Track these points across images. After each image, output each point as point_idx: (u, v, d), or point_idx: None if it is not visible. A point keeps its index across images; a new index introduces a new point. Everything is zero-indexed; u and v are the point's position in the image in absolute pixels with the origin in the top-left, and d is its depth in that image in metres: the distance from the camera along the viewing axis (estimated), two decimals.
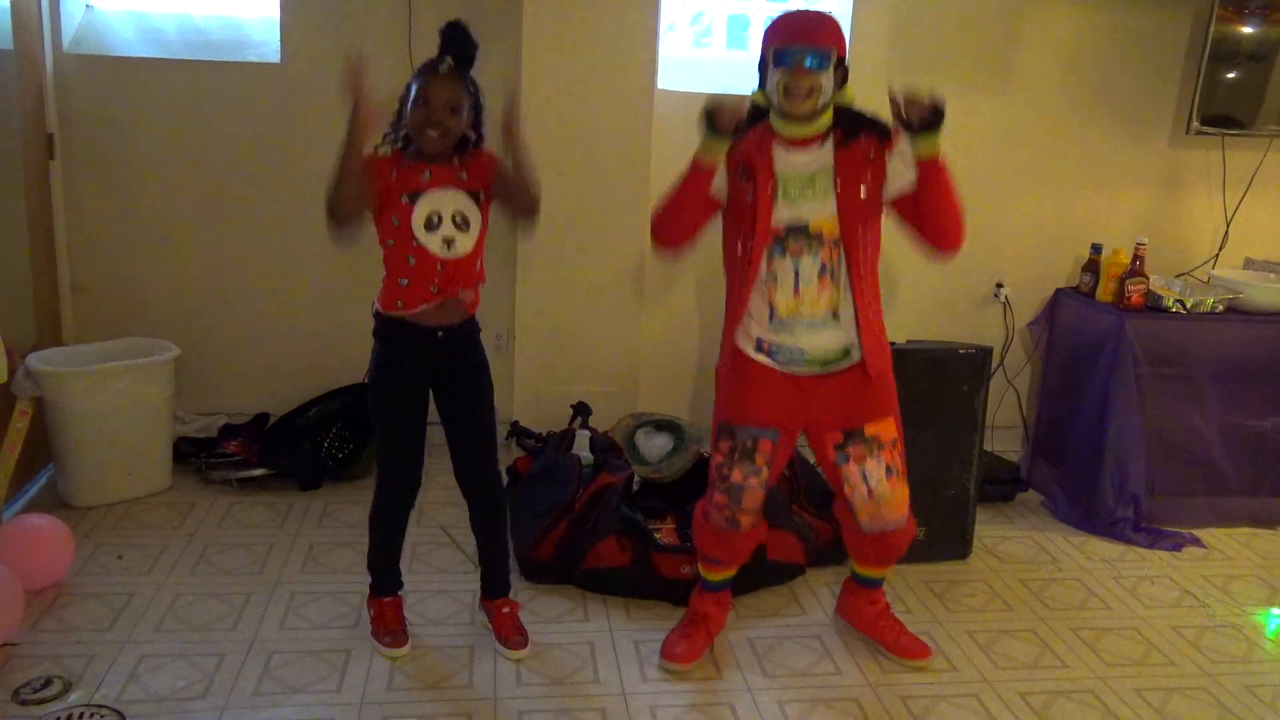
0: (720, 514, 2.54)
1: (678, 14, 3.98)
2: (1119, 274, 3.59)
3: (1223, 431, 3.60)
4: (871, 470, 2.49)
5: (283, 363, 3.88)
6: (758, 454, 2.48)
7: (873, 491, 2.51)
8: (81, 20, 3.67)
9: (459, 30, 2.34)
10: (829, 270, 2.39)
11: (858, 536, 2.63)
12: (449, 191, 2.37)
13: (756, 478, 2.50)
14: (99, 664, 2.48)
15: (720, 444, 2.52)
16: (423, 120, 2.32)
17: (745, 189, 2.39)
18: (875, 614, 2.75)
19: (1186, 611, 3.05)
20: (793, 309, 2.41)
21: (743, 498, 2.51)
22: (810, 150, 2.39)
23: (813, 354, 2.44)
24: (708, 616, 2.71)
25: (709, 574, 2.68)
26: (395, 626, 2.63)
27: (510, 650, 2.63)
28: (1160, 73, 4.00)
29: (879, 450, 2.49)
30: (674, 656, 2.61)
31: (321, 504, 3.42)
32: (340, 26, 3.66)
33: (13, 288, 3.25)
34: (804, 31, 2.33)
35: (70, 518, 3.16)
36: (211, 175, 3.72)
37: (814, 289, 2.39)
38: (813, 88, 2.31)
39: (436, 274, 2.40)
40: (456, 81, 2.33)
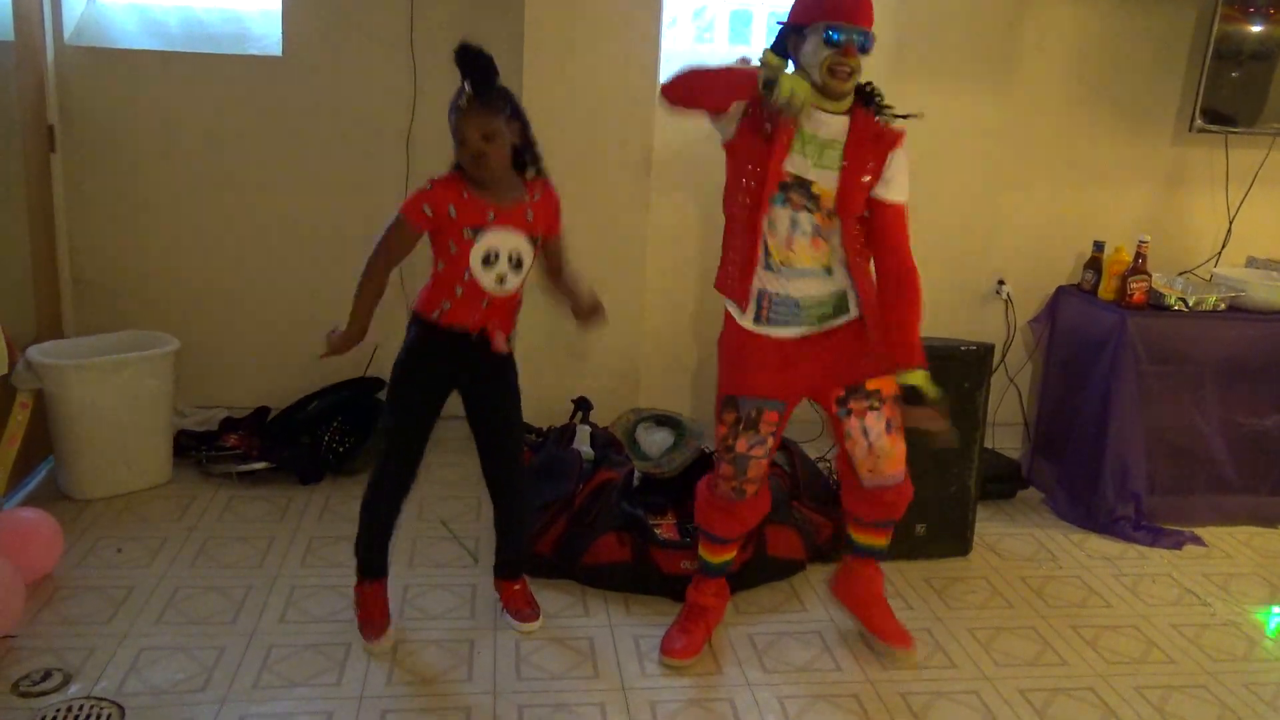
0: (727, 484, 2.56)
1: (680, 9, 3.97)
2: (1121, 271, 3.58)
3: (1224, 430, 3.60)
4: (871, 424, 2.51)
5: (283, 356, 3.88)
6: (762, 424, 2.50)
7: (872, 445, 2.52)
8: (83, 12, 3.66)
9: (469, 53, 2.29)
10: (820, 232, 2.41)
11: (858, 495, 2.63)
12: (509, 232, 2.38)
13: (761, 447, 2.52)
14: (99, 656, 2.48)
15: (724, 416, 2.54)
16: (465, 159, 2.32)
17: (764, 119, 2.33)
18: (869, 598, 2.75)
19: (1187, 609, 3.05)
20: (785, 258, 2.41)
21: (748, 467, 2.54)
22: (834, 120, 2.38)
23: (807, 305, 2.45)
24: (706, 609, 2.71)
25: (711, 556, 2.68)
26: (375, 615, 2.61)
27: (520, 623, 2.66)
28: (1163, 70, 4.00)
29: (879, 404, 2.51)
30: (673, 652, 2.62)
31: (322, 498, 3.42)
32: (342, 19, 3.65)
33: (13, 280, 3.25)
34: (854, 10, 2.29)
35: (70, 510, 3.16)
36: (213, 168, 3.72)
37: (806, 243, 2.40)
38: (855, 70, 2.31)
39: (481, 309, 2.42)
40: (481, 109, 2.30)
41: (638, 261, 3.77)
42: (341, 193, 3.79)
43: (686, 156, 3.78)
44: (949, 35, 3.84)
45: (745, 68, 2.36)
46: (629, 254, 3.75)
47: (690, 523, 3.05)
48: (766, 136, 2.34)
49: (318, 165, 3.76)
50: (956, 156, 3.94)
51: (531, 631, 2.66)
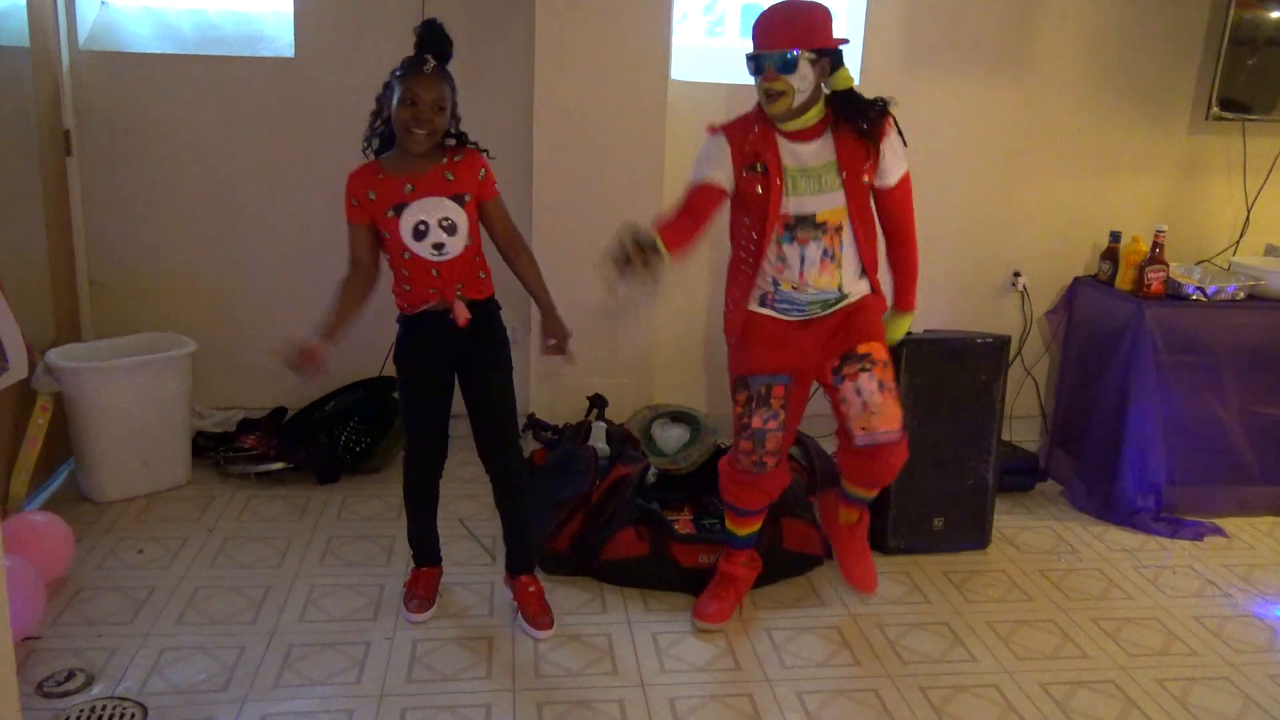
0: (747, 458, 2.63)
1: (690, 4, 3.96)
2: (1138, 262, 3.56)
3: (1244, 420, 3.57)
4: (864, 383, 2.55)
5: None
6: (772, 399, 2.59)
7: (866, 403, 2.54)
8: (97, 17, 3.68)
9: (436, 29, 2.40)
10: (830, 254, 2.50)
11: (852, 454, 2.66)
12: (432, 200, 2.41)
13: (775, 420, 2.60)
14: (121, 657, 2.50)
15: (737, 395, 2.63)
16: (410, 120, 2.35)
17: (755, 181, 2.46)
18: (848, 530, 2.83)
19: (1208, 601, 3.03)
20: (797, 287, 2.53)
21: (765, 440, 2.61)
22: (813, 142, 2.47)
23: (811, 304, 2.56)
24: (737, 578, 2.80)
25: (738, 529, 2.77)
26: (423, 593, 2.73)
27: (536, 630, 2.66)
28: (1179, 58, 3.96)
29: (871, 367, 2.55)
30: (706, 616, 2.72)
31: (339, 497, 3.43)
32: (353, 20, 3.66)
33: (32, 284, 3.27)
34: (772, 36, 2.40)
35: (91, 512, 3.18)
36: (227, 170, 3.73)
37: (815, 271, 2.51)
38: (783, 91, 2.39)
39: (432, 278, 2.45)
40: (440, 80, 2.37)
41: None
42: None
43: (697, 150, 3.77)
44: (962, 25, 3.82)
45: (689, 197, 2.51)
46: None
47: (707, 518, 3.06)
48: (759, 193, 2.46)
49: (331, 166, 3.73)
50: (971, 148, 3.92)
51: (547, 639, 2.65)
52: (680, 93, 3.71)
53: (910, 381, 3.08)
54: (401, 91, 2.35)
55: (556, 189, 3.64)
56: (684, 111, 3.72)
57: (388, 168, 2.43)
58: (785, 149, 2.46)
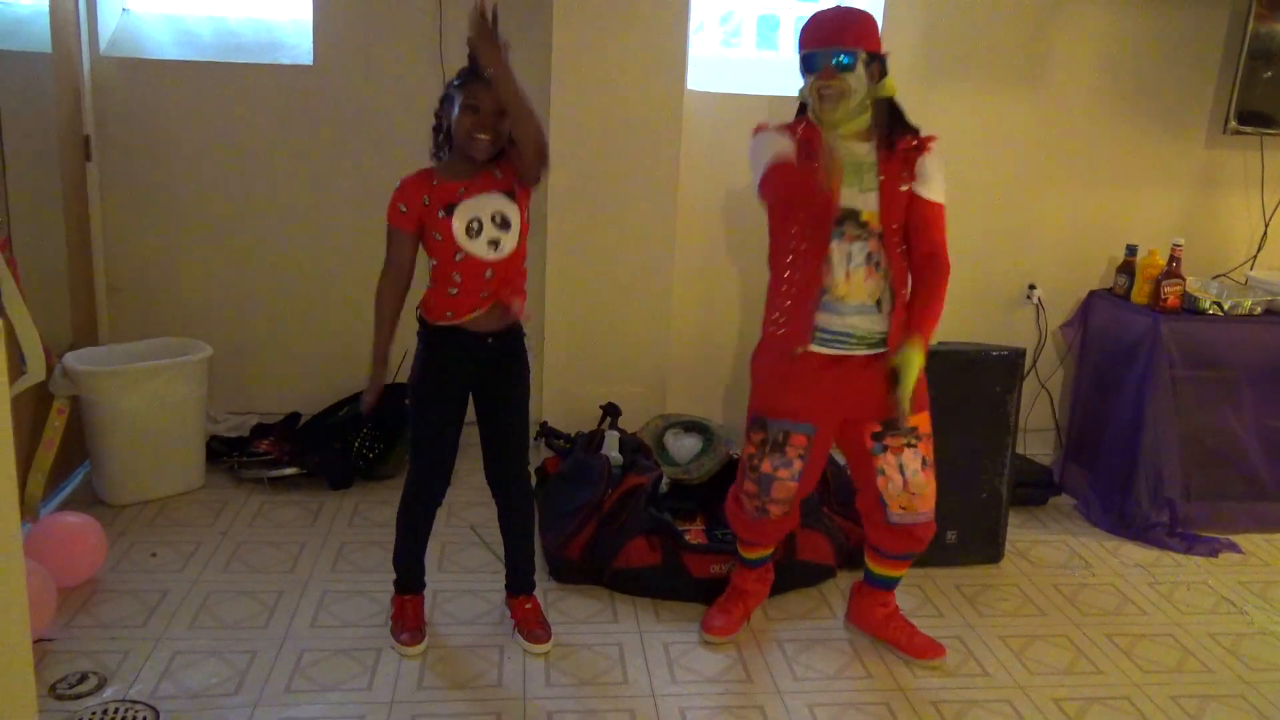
0: (751, 502, 2.59)
1: (707, 14, 3.97)
2: (1154, 275, 3.55)
3: (1260, 435, 3.55)
4: (908, 461, 2.50)
5: (314, 362, 3.91)
6: (789, 447, 2.51)
7: (908, 482, 2.51)
8: (118, 24, 3.71)
9: None
10: (875, 260, 2.41)
11: (884, 530, 2.61)
12: (485, 196, 2.39)
13: (787, 469, 2.52)
14: (133, 660, 2.50)
15: (752, 435, 2.56)
16: (474, 126, 2.34)
17: (811, 169, 2.34)
18: (885, 616, 2.74)
19: (1223, 618, 3.01)
20: (843, 293, 2.42)
21: (772, 488, 2.54)
22: (858, 142, 2.41)
23: (859, 334, 2.44)
24: (747, 592, 2.77)
25: (746, 553, 2.75)
26: (413, 625, 2.65)
27: (531, 644, 2.64)
28: (1197, 71, 3.95)
29: (916, 442, 2.50)
30: (713, 629, 2.70)
31: (352, 503, 3.44)
32: (371, 28, 3.68)
33: (50, 288, 3.29)
34: (829, 34, 2.35)
35: (105, 515, 3.19)
36: (245, 176, 3.76)
37: (861, 275, 2.41)
38: (842, 91, 2.33)
39: (485, 280, 2.42)
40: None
41: (666, 267, 3.77)
42: (372, 200, 3.77)
43: (715, 161, 3.78)
44: (979, 38, 3.82)
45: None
46: (657, 260, 3.75)
47: (719, 528, 3.06)
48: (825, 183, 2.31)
49: (349, 173, 3.79)
50: (987, 160, 3.92)
51: (543, 654, 2.63)
52: (696, 103, 3.72)
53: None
54: (463, 100, 2.34)
55: (572, 198, 3.65)
56: (700, 121, 3.73)
57: (441, 175, 2.41)
58: (833, 142, 2.35)
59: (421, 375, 2.51)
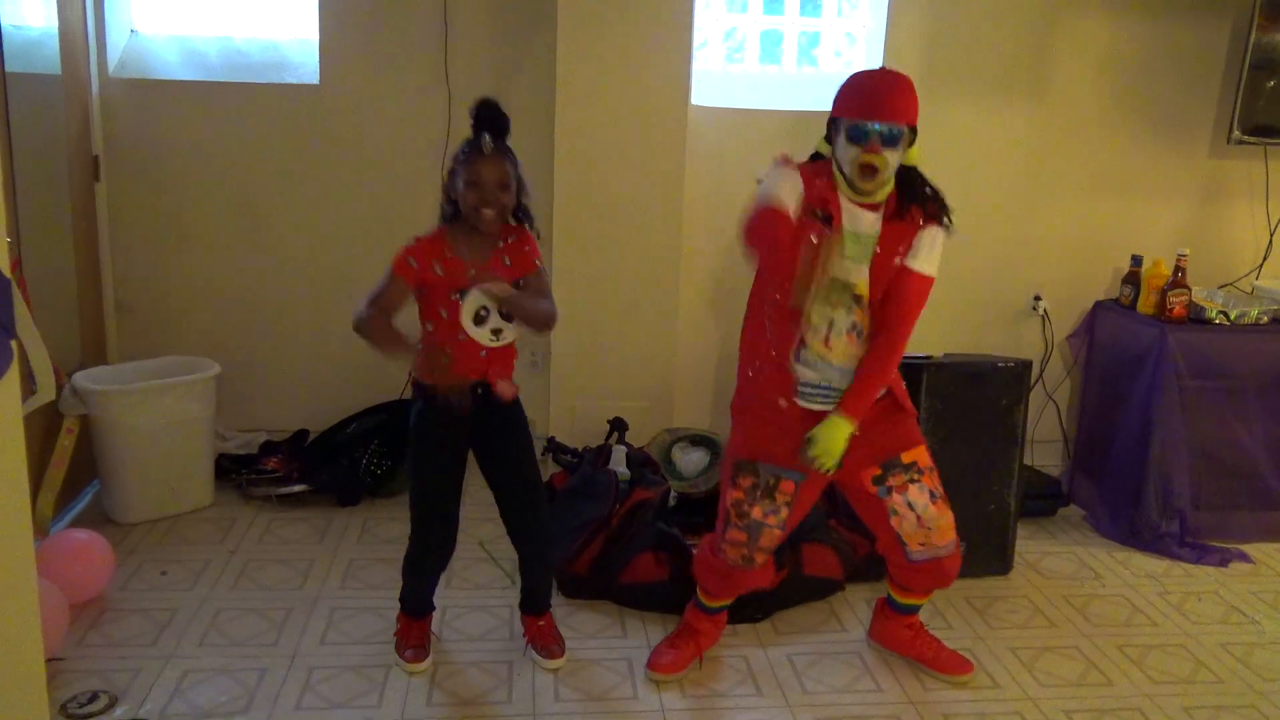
0: (736, 551, 2.51)
1: (710, 30, 3.99)
2: (1160, 286, 3.55)
3: (1268, 444, 3.54)
4: (916, 497, 2.47)
5: (322, 379, 3.92)
6: (778, 493, 2.45)
7: (921, 518, 2.47)
8: (126, 45, 3.74)
9: (491, 107, 2.37)
10: (858, 329, 2.38)
11: (908, 569, 2.56)
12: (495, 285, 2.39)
13: (775, 516, 2.47)
14: (144, 678, 2.51)
15: (739, 480, 2.48)
16: (477, 201, 2.35)
17: (813, 229, 2.30)
18: (912, 635, 2.72)
19: (1234, 628, 3.00)
20: (821, 354, 2.38)
21: (761, 536, 2.48)
22: (872, 213, 2.35)
23: (841, 387, 2.40)
24: (699, 632, 2.69)
25: (708, 601, 2.67)
26: (417, 642, 2.64)
27: (545, 660, 2.64)
28: (1200, 82, 3.96)
29: (919, 476, 2.47)
30: (658, 666, 2.62)
31: (360, 520, 3.44)
32: (377, 47, 3.71)
33: (59, 307, 3.31)
34: (877, 106, 2.24)
35: (115, 534, 3.20)
36: (252, 195, 3.78)
37: (842, 342, 2.37)
38: (881, 167, 2.26)
39: (478, 360, 2.43)
40: (501, 159, 2.36)
41: (671, 281, 3.78)
42: (378, 219, 3.83)
43: (720, 178, 3.79)
44: (982, 50, 3.83)
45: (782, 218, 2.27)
46: (663, 274, 3.76)
47: None
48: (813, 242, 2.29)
49: (355, 191, 3.81)
50: (991, 172, 3.92)
51: (556, 669, 2.63)
52: (700, 118, 3.73)
53: (931, 406, 3.08)
54: (465, 175, 2.34)
55: (577, 213, 3.66)
56: (704, 137, 3.75)
57: (453, 245, 2.39)
58: (846, 209, 2.33)
59: (418, 430, 2.51)
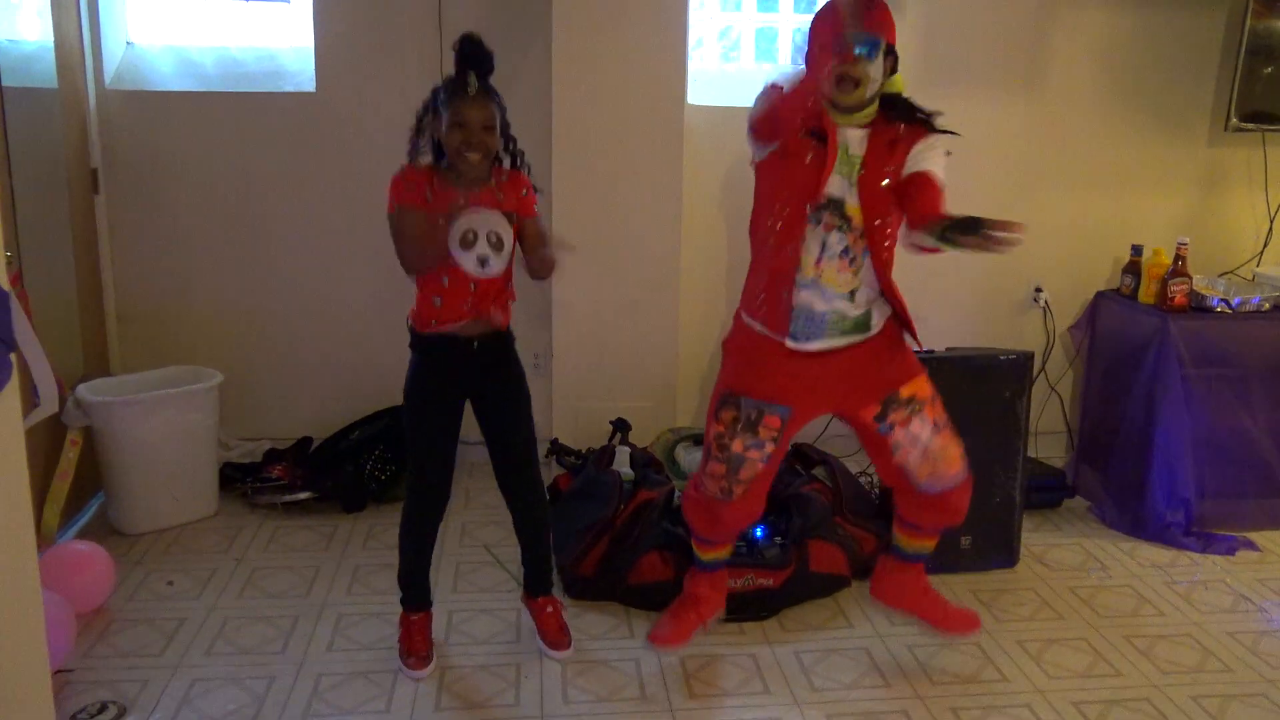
0: (715, 483, 2.50)
1: (706, 29, 3.99)
2: (1161, 275, 3.54)
3: (1273, 432, 3.53)
4: (918, 430, 2.46)
5: (325, 387, 3.92)
6: (762, 427, 2.43)
7: (926, 449, 2.47)
8: (123, 57, 3.75)
9: (475, 44, 2.34)
10: (850, 254, 2.35)
11: (915, 500, 2.55)
12: (485, 212, 2.37)
13: (758, 450, 2.45)
14: (152, 688, 2.51)
15: (722, 413, 2.47)
16: (462, 144, 2.33)
17: (809, 148, 2.32)
18: (920, 589, 2.70)
19: (1242, 616, 2.99)
20: (813, 275, 2.36)
21: (741, 468, 2.47)
22: (858, 132, 2.36)
23: (832, 321, 2.38)
24: (699, 599, 2.69)
25: (701, 553, 2.67)
26: (420, 649, 2.63)
27: (554, 650, 2.66)
28: (1196, 70, 3.95)
29: (921, 408, 2.46)
30: (659, 638, 2.62)
31: (366, 526, 3.45)
32: (373, 54, 3.71)
33: (61, 319, 3.32)
34: (856, 18, 2.26)
35: (120, 544, 3.21)
36: (251, 204, 3.78)
37: (834, 266, 2.35)
38: (862, 77, 2.27)
39: (470, 293, 2.43)
40: (486, 98, 2.34)
41: (671, 280, 3.78)
42: (377, 225, 3.80)
43: (718, 176, 3.79)
44: (978, 42, 3.83)
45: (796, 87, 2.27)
46: (663, 273, 3.76)
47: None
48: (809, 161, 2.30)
49: (353, 198, 3.81)
50: (989, 165, 3.92)
51: (565, 659, 2.65)
52: (697, 117, 3.74)
53: None
54: (449, 116, 2.32)
55: (575, 212, 3.66)
56: (701, 136, 3.75)
57: (442, 179, 2.39)
58: (841, 128, 2.33)
59: (413, 384, 2.53)
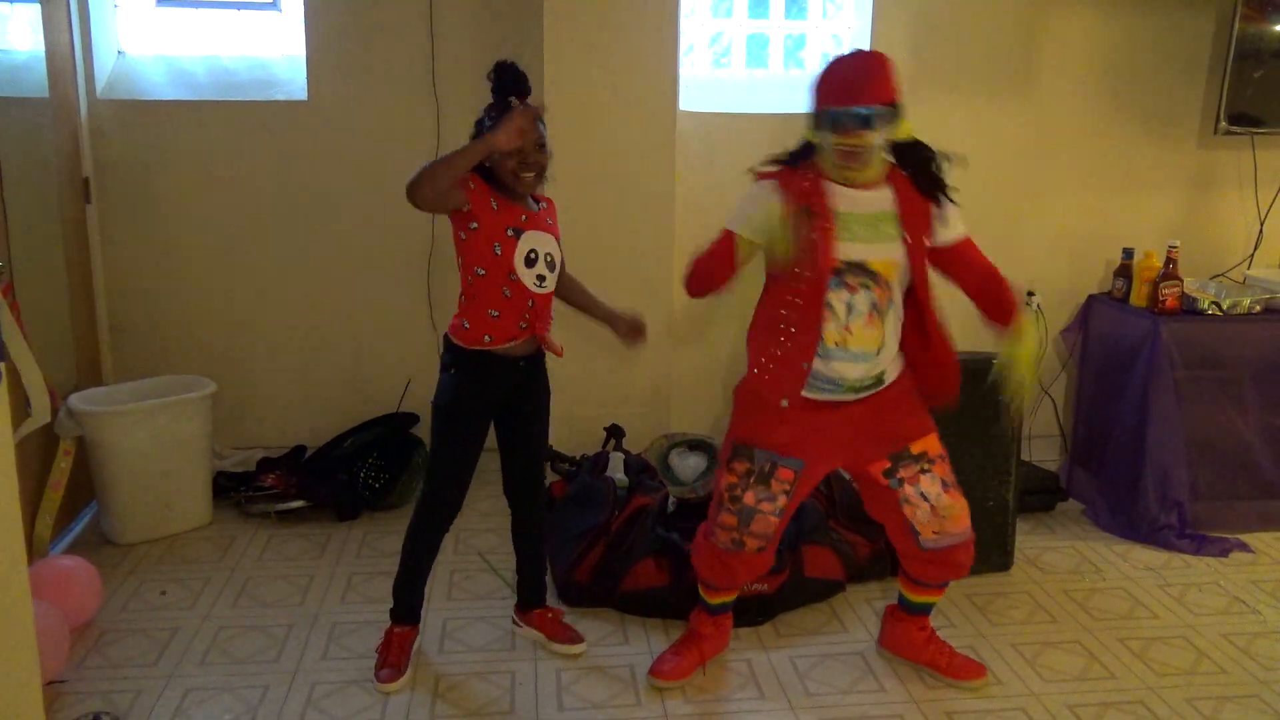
0: (726, 535, 2.48)
1: (697, 35, 4.00)
2: (1152, 278, 3.56)
3: (1265, 433, 3.55)
4: (928, 486, 2.46)
5: (318, 395, 3.92)
6: (774, 480, 2.42)
7: (935, 507, 2.47)
8: (114, 66, 3.75)
9: (512, 68, 2.39)
10: (879, 309, 2.35)
11: (920, 559, 2.54)
12: (541, 234, 2.44)
13: (770, 504, 2.44)
14: (146, 699, 2.50)
15: (735, 464, 2.46)
16: (518, 165, 2.36)
17: (808, 226, 2.30)
18: (924, 639, 2.70)
19: (1236, 618, 3.00)
20: (840, 340, 2.34)
21: (753, 522, 2.45)
22: (870, 190, 2.34)
23: (849, 384, 2.39)
24: (703, 638, 2.68)
25: (707, 597, 2.65)
26: (396, 661, 2.60)
27: (570, 646, 2.72)
28: (1185, 74, 3.97)
29: (930, 465, 2.46)
30: (661, 673, 2.60)
31: (360, 534, 3.44)
32: (365, 63, 3.72)
33: (53, 329, 3.31)
34: (853, 91, 2.25)
35: (114, 555, 3.20)
36: (243, 212, 3.78)
37: (862, 324, 2.34)
38: (864, 149, 2.26)
39: (527, 309, 2.44)
40: (534, 119, 2.34)
41: (664, 287, 3.78)
42: (369, 233, 3.84)
43: (710, 181, 3.80)
44: (968, 45, 3.84)
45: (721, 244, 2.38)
46: (656, 279, 3.76)
47: None
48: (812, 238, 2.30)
49: (346, 207, 3.81)
50: (979, 168, 3.87)
51: (582, 653, 2.70)
52: (689, 123, 3.74)
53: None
54: None
55: (567, 219, 3.62)
56: (693, 141, 3.76)
57: (499, 195, 2.39)
58: (838, 194, 2.31)
59: (454, 397, 2.49)
